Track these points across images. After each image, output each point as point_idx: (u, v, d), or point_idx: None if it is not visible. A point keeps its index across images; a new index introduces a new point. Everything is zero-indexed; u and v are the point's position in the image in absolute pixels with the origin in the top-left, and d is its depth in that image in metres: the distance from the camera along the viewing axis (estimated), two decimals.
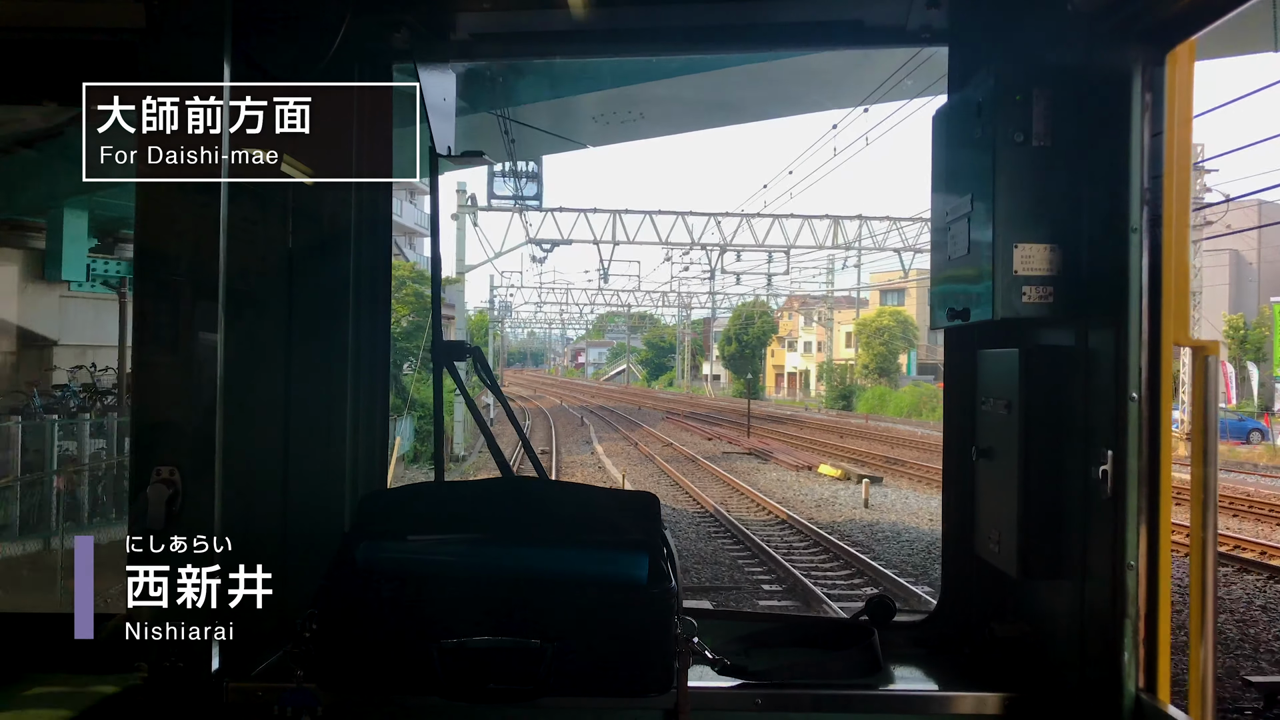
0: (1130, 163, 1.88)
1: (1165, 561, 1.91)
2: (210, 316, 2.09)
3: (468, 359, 2.76)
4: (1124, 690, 1.91)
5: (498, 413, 26.95)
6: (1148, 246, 1.88)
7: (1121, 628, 1.91)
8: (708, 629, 2.43)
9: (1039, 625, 2.27)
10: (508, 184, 31.08)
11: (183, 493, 2.05)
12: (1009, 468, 2.21)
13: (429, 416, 26.53)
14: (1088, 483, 2.00)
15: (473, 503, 2.15)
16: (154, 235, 2.12)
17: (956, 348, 2.56)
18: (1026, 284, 2.09)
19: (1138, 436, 1.89)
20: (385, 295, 2.63)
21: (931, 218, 2.51)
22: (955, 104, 2.34)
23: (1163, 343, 1.89)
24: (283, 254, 2.52)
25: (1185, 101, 1.89)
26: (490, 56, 2.69)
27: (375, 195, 2.59)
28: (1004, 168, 2.09)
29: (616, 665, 1.98)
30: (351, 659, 1.99)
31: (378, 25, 2.43)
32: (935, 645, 2.52)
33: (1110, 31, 1.93)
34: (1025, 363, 2.16)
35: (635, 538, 2.06)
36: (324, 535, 2.40)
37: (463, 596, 1.96)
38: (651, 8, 2.51)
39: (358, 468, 2.58)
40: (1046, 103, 2.08)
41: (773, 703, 2.19)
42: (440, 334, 2.88)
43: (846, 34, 2.57)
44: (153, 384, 2.11)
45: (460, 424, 30.13)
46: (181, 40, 2.10)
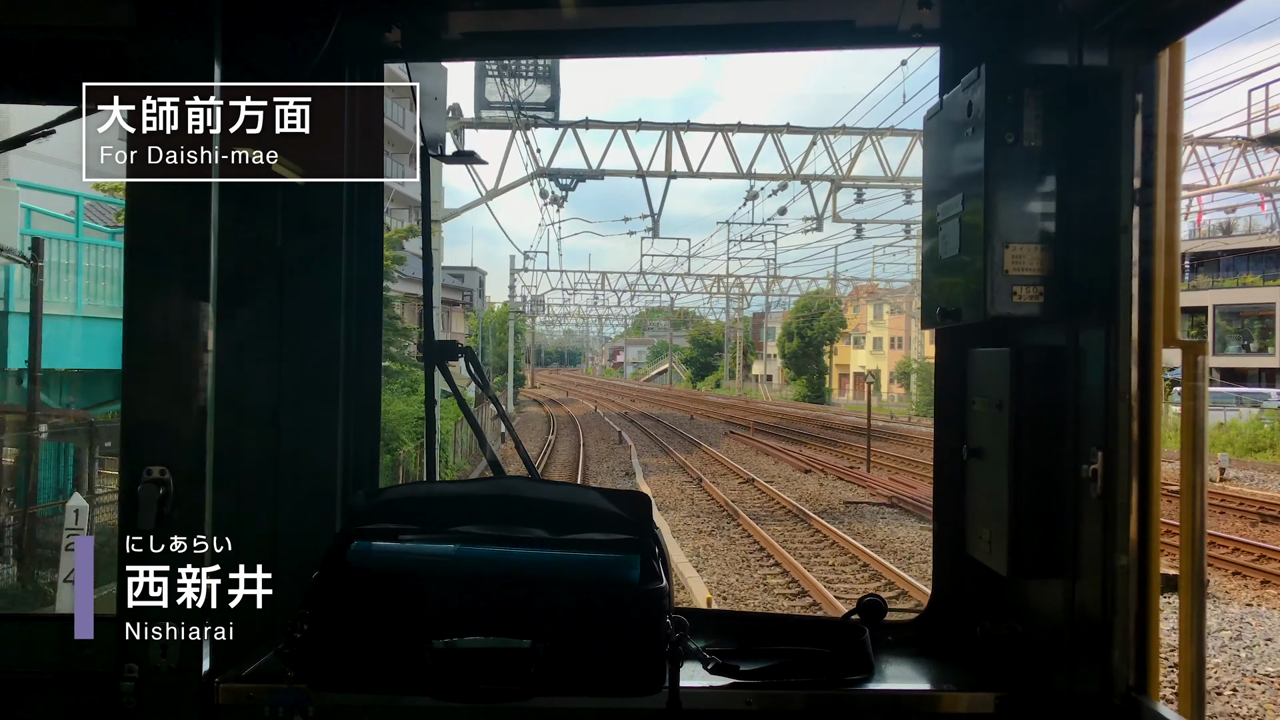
0: (1121, 163, 1.89)
1: (1155, 560, 1.92)
2: (201, 316, 2.08)
3: (460, 359, 2.76)
4: (1115, 689, 1.91)
5: (521, 416, 26.26)
6: (1138, 246, 1.89)
7: (1112, 626, 1.91)
8: (699, 628, 2.44)
9: (1030, 624, 2.27)
10: (508, 88, 21.13)
11: (174, 493, 2.05)
12: (1000, 467, 2.21)
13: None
14: (1078, 482, 2.00)
15: (464, 502, 2.15)
16: (145, 234, 2.11)
17: (947, 347, 2.57)
18: (1017, 284, 2.10)
19: (1128, 436, 1.89)
20: (377, 294, 2.63)
21: (923, 218, 2.51)
22: (946, 104, 2.34)
23: (1153, 342, 1.89)
24: (274, 253, 2.51)
25: (1175, 101, 1.90)
26: (482, 56, 2.69)
27: (367, 194, 2.59)
28: (995, 168, 2.10)
29: (608, 665, 1.97)
30: (343, 659, 1.99)
31: (369, 24, 2.43)
32: (927, 644, 2.52)
33: (1101, 31, 1.93)
34: (1016, 362, 2.17)
35: (627, 537, 2.06)
36: (315, 535, 2.40)
37: (454, 596, 1.96)
38: (641, 8, 2.51)
39: (349, 467, 2.58)
40: (1037, 103, 2.09)
41: (764, 702, 2.20)
42: (432, 333, 2.87)
43: (837, 34, 2.57)
44: (143, 383, 2.11)
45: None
46: (171, 39, 2.10)
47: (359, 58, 2.54)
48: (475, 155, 3.23)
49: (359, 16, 2.37)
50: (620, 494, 2.20)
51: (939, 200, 2.35)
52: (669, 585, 2.05)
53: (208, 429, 2.07)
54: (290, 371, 2.52)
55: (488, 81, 21.08)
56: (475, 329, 52.18)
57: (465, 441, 28.15)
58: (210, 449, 2.08)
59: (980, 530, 2.33)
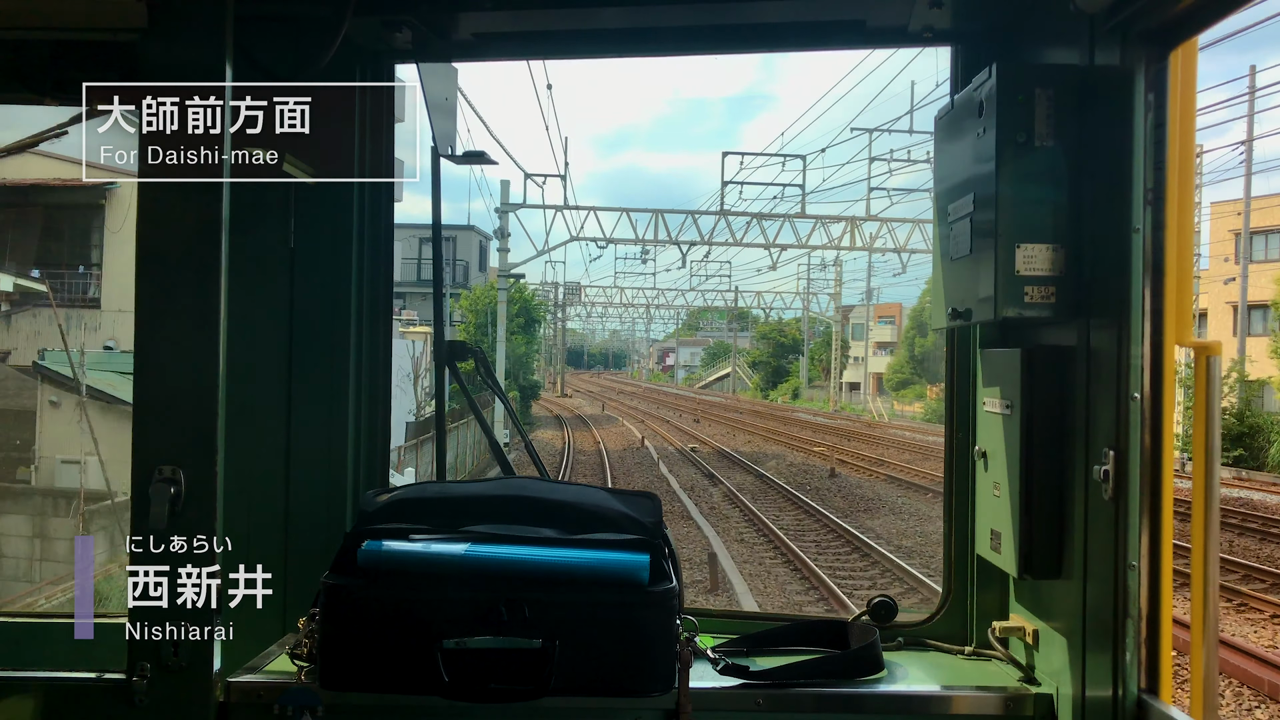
0: (1133, 162, 1.88)
1: (1167, 562, 1.91)
2: (212, 317, 2.09)
3: (470, 359, 2.76)
4: (1126, 691, 1.90)
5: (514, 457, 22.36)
6: (1150, 246, 1.88)
7: (1123, 628, 1.90)
8: (709, 629, 2.44)
9: (1040, 625, 2.27)
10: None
11: (185, 492, 2.05)
12: (1010, 467, 2.21)
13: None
14: (1089, 483, 2.00)
15: (474, 502, 2.15)
16: (155, 235, 2.12)
17: (958, 348, 2.57)
18: (1029, 284, 2.09)
19: (1140, 436, 1.89)
20: (387, 295, 2.64)
21: (934, 217, 2.51)
22: (957, 104, 2.34)
23: (1165, 343, 1.88)
24: (285, 254, 2.52)
25: (1188, 101, 1.89)
26: (492, 57, 2.69)
27: (377, 195, 2.59)
28: (1006, 168, 2.09)
29: (618, 665, 1.98)
30: (353, 658, 1.99)
31: (379, 25, 2.43)
32: (937, 645, 2.52)
33: (1112, 31, 1.92)
34: (1027, 362, 2.16)
35: (637, 537, 2.06)
36: (325, 534, 2.41)
37: (464, 596, 1.97)
38: (653, 8, 2.51)
39: (359, 467, 2.59)
40: (1049, 103, 2.08)
41: (774, 703, 2.19)
42: (443, 334, 2.88)
43: (848, 34, 2.57)
44: (155, 383, 2.11)
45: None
46: (183, 40, 2.10)
47: (369, 59, 2.55)
48: (485, 155, 3.23)
49: (369, 18, 2.38)
50: (631, 494, 2.20)
51: (950, 200, 2.34)
52: (679, 586, 2.05)
53: (219, 428, 2.08)
54: (301, 371, 2.53)
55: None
56: (468, 315, 37.31)
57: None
58: (221, 448, 2.09)
59: (990, 531, 2.33)
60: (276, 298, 2.51)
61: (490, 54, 2.68)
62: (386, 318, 2.64)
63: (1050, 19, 2.17)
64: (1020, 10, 2.32)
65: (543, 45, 2.81)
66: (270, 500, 2.50)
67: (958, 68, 2.52)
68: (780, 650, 2.42)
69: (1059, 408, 2.13)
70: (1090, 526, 2.01)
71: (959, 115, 2.32)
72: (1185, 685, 6.03)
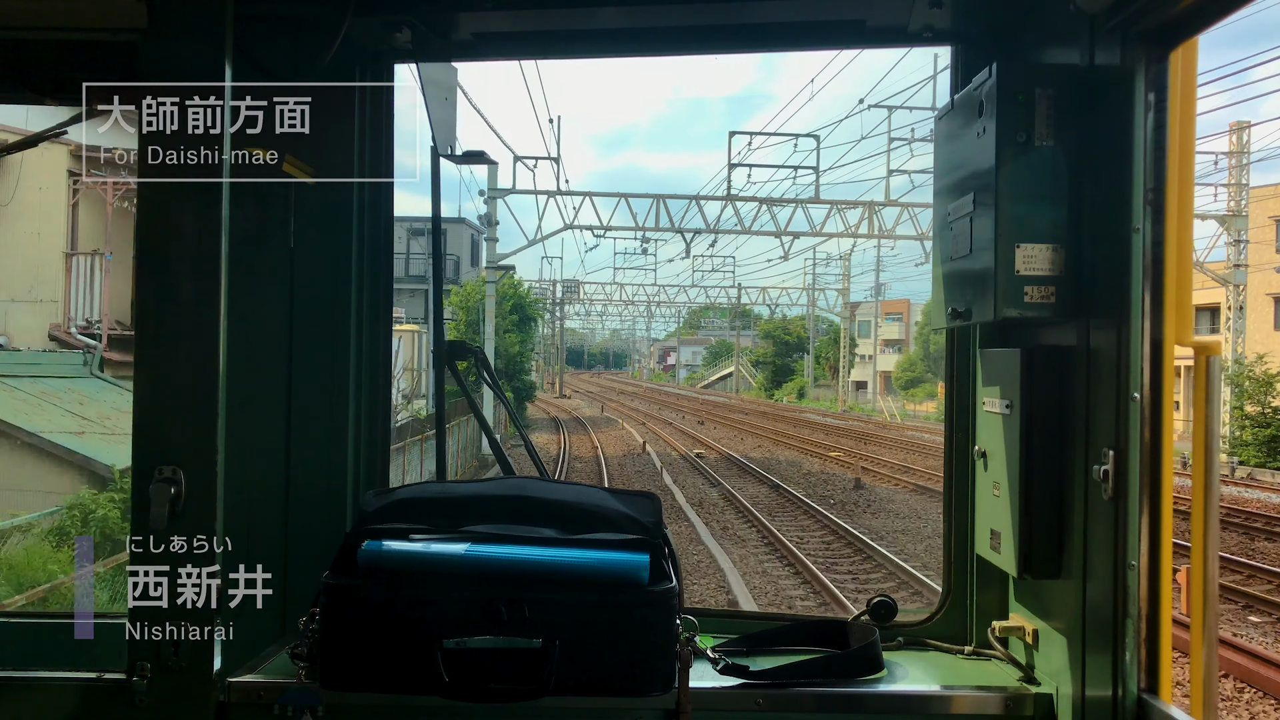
0: (1133, 162, 1.88)
1: (1167, 562, 1.91)
2: (212, 316, 2.09)
3: (469, 359, 2.76)
4: (1126, 690, 1.90)
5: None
6: (1150, 246, 1.88)
7: (1123, 628, 1.90)
8: (709, 629, 2.44)
9: (1040, 625, 2.27)
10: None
11: (185, 492, 2.06)
12: (1010, 467, 2.21)
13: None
14: (1089, 482, 2.00)
15: (475, 502, 2.15)
16: (155, 235, 2.12)
17: (958, 347, 2.57)
18: (1028, 284, 2.09)
19: (1139, 436, 1.89)
20: (387, 295, 2.63)
21: (934, 217, 2.51)
22: (958, 104, 2.34)
23: (1165, 343, 1.88)
24: (285, 254, 2.52)
25: (1188, 100, 1.89)
26: (492, 56, 2.69)
27: (377, 195, 2.59)
28: (1006, 167, 2.09)
29: (618, 665, 1.98)
30: (353, 658, 2.00)
31: (379, 25, 2.43)
32: (936, 645, 2.52)
33: (1113, 31, 1.92)
34: (1027, 362, 2.16)
35: (637, 537, 2.06)
36: (326, 534, 2.41)
37: (464, 596, 1.97)
38: (653, 8, 2.51)
39: (359, 467, 2.59)
40: (1049, 102, 2.08)
41: (774, 702, 2.19)
42: (442, 334, 2.88)
43: (848, 34, 2.57)
44: (155, 383, 2.11)
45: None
46: (183, 40, 2.10)
47: (369, 58, 2.54)
48: (485, 155, 3.23)
49: (369, 18, 2.38)
50: (631, 494, 2.20)
51: (950, 199, 2.34)
52: (679, 585, 2.05)
53: (219, 428, 2.08)
54: (301, 371, 2.53)
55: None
56: (459, 312, 34.59)
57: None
58: (221, 448, 2.09)
59: (990, 530, 2.33)
60: (276, 297, 2.51)
61: (490, 54, 2.68)
62: (387, 318, 2.64)
63: (1050, 19, 2.17)
64: (1020, 10, 2.32)
65: (542, 45, 2.81)
66: (270, 500, 2.50)
67: (958, 68, 2.52)
68: (780, 650, 2.42)
69: (1059, 407, 2.13)
70: (1090, 526, 2.01)
71: (959, 115, 2.32)
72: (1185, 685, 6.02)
